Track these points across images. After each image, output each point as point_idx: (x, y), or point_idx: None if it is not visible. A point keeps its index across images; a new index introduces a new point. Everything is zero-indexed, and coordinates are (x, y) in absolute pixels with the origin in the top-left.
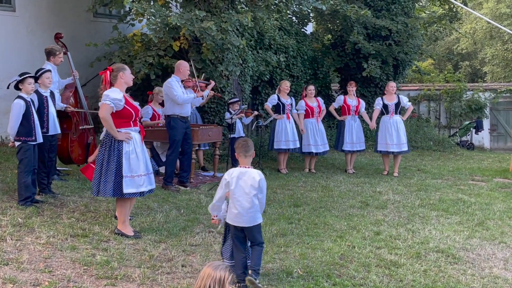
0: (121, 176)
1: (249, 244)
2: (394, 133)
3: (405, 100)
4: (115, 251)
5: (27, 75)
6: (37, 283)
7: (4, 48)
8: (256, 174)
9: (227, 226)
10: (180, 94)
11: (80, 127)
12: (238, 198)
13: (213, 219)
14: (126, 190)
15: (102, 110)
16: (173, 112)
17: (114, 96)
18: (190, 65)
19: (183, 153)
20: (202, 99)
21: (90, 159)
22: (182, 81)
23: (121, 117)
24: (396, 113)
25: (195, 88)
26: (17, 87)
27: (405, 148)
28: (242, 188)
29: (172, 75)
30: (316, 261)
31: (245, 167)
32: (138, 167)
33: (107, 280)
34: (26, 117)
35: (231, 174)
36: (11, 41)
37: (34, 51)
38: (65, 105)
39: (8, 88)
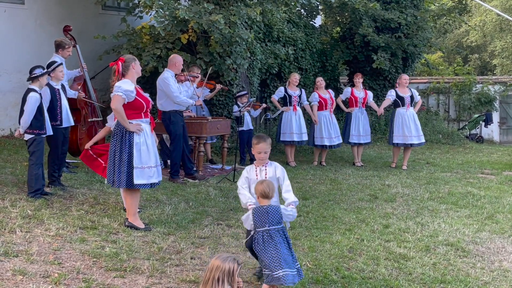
0: (132, 167)
1: None
2: (412, 125)
3: (416, 94)
4: (124, 243)
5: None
6: (47, 275)
7: (12, 40)
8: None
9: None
10: (178, 93)
11: (89, 120)
12: None
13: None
14: (137, 181)
15: (114, 101)
16: (172, 107)
17: (126, 87)
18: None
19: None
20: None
21: (88, 145)
22: (175, 75)
23: (133, 109)
24: (411, 105)
25: (189, 81)
26: (31, 79)
27: (423, 139)
28: None
29: (166, 69)
30: (325, 254)
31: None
32: (148, 158)
33: (116, 272)
34: (39, 110)
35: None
36: (19, 34)
37: (43, 44)
38: (76, 92)
39: (28, 80)
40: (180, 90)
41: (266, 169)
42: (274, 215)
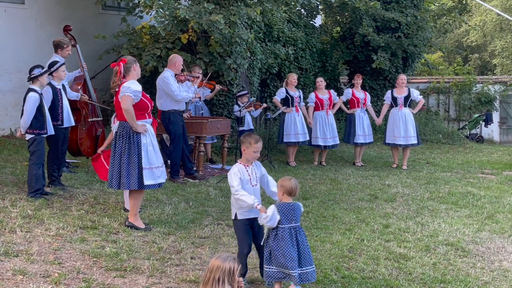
0: (142, 168)
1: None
2: (402, 126)
3: (415, 94)
4: (124, 243)
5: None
6: (47, 275)
7: (12, 40)
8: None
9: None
10: (178, 91)
11: (89, 120)
12: None
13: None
14: (146, 182)
15: (125, 102)
16: (172, 107)
17: (135, 88)
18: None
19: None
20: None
21: (101, 149)
22: (175, 75)
23: (138, 109)
24: (405, 106)
25: (189, 81)
26: (31, 79)
27: (413, 141)
28: None
29: (166, 68)
30: (325, 254)
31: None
32: (155, 158)
33: (116, 272)
34: (39, 110)
35: None
36: (19, 34)
37: (43, 43)
38: (79, 94)
39: (28, 80)
40: (180, 90)
41: (254, 169)
42: (298, 212)
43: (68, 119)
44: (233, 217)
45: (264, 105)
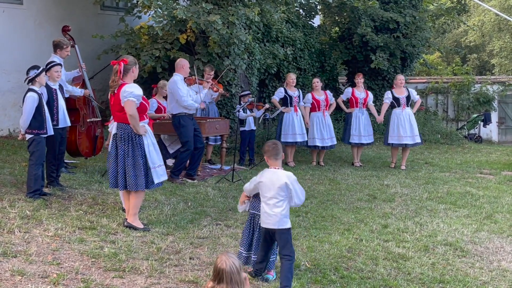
0: (149, 168)
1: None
2: (408, 126)
3: (414, 94)
4: (123, 243)
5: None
6: (45, 275)
7: (11, 41)
8: (284, 176)
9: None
10: (186, 97)
11: (88, 120)
12: (269, 199)
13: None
14: (156, 180)
15: (129, 107)
16: (181, 110)
17: (138, 92)
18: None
19: (195, 148)
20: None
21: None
22: (184, 78)
23: (138, 112)
24: (407, 105)
25: (197, 83)
26: (29, 81)
27: (418, 140)
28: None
29: (175, 73)
30: (323, 254)
31: (275, 168)
32: (156, 157)
33: (115, 272)
34: (39, 110)
35: (263, 175)
36: (18, 34)
37: (42, 44)
38: (83, 90)
39: (25, 81)
40: (190, 93)
41: None
42: None
43: (64, 119)
44: (290, 226)
45: (267, 105)
